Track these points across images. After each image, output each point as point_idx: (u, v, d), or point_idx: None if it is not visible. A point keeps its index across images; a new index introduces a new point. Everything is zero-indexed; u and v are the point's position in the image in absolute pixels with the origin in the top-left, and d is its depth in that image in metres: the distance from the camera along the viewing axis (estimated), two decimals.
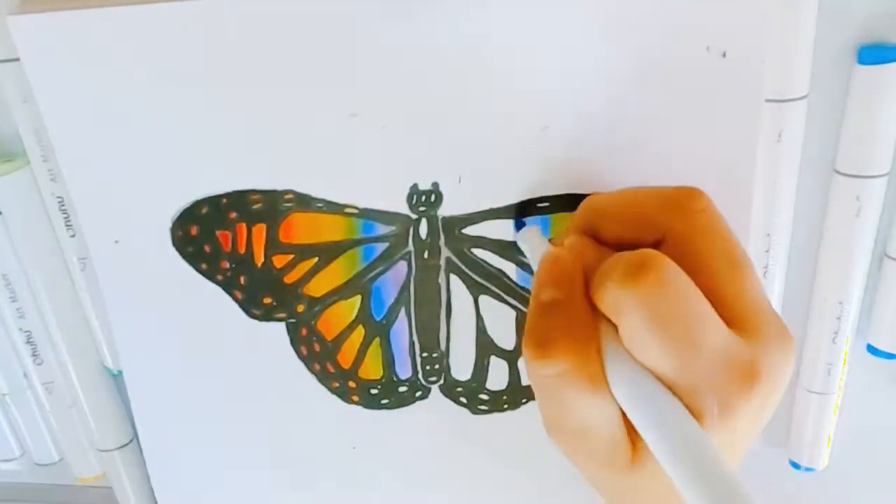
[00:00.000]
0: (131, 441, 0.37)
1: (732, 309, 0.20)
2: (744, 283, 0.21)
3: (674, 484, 0.17)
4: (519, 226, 0.29)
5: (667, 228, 0.21)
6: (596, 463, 0.22)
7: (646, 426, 0.19)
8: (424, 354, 0.32)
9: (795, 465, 0.33)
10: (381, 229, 0.30)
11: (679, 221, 0.21)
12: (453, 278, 0.30)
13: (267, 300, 0.31)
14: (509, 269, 0.30)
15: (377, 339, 0.32)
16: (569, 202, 0.28)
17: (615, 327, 0.20)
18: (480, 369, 0.32)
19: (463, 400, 0.33)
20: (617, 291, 0.20)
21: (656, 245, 0.21)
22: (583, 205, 0.25)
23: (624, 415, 0.20)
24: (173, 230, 0.30)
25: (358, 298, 0.31)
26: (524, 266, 0.30)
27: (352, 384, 0.33)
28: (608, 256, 0.21)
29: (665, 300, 0.19)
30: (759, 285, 0.21)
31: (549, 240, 0.26)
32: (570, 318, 0.21)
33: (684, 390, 0.19)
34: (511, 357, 0.32)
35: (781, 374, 0.20)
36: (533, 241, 0.27)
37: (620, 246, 0.22)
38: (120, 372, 0.34)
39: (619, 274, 0.20)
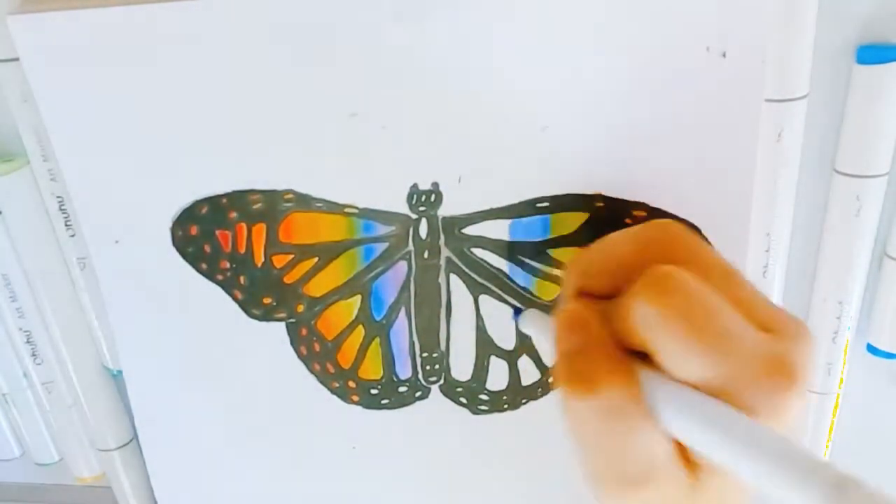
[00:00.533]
0: (131, 441, 0.37)
1: (747, 315, 0.20)
2: (747, 289, 0.21)
3: (748, 487, 0.17)
4: (517, 314, 0.29)
5: (651, 265, 0.21)
6: (660, 500, 0.21)
7: (709, 439, 0.18)
8: (424, 354, 0.32)
9: None
10: (381, 229, 0.30)
11: (660, 255, 0.21)
12: (453, 278, 0.30)
13: (267, 300, 0.31)
14: (509, 268, 0.30)
15: (377, 339, 0.32)
16: (568, 202, 0.28)
17: (646, 362, 0.20)
18: (480, 369, 0.32)
19: (463, 400, 0.33)
20: (646, 310, 0.19)
21: None
22: (567, 270, 0.24)
23: (674, 442, 0.20)
24: (173, 230, 0.30)
25: (358, 298, 0.31)
26: (524, 266, 0.30)
27: (352, 384, 0.33)
28: (610, 305, 0.21)
29: (691, 303, 0.19)
30: (758, 288, 0.21)
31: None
32: (599, 353, 0.21)
33: (732, 396, 0.19)
34: (511, 357, 0.32)
35: (809, 364, 0.20)
36: (536, 321, 0.27)
37: (613, 295, 0.22)
38: (119, 372, 0.34)
39: (644, 293, 0.20)
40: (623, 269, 0.22)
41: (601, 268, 0.23)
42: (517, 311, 0.30)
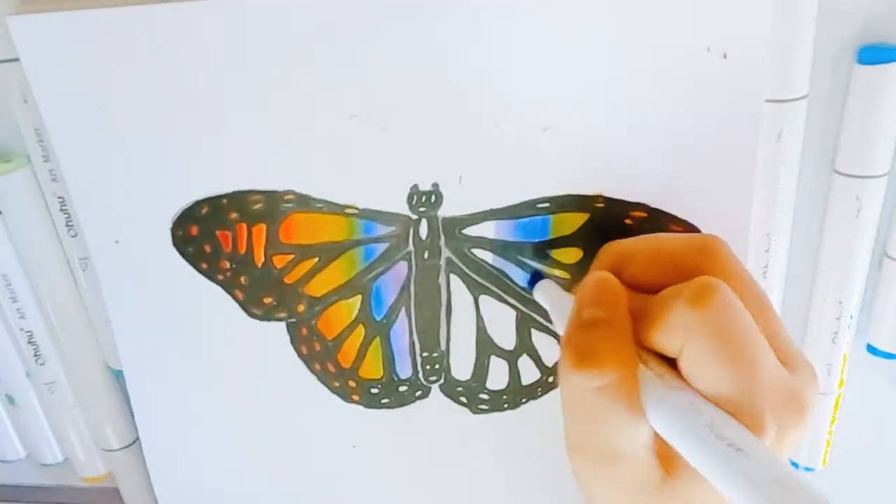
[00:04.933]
0: (136, 441, 0.37)
1: (772, 344, 0.21)
2: (775, 323, 0.22)
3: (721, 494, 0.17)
4: (533, 280, 0.29)
5: (696, 272, 0.22)
6: (623, 487, 0.21)
7: (691, 445, 0.19)
8: (425, 354, 0.32)
9: (795, 465, 0.34)
10: (382, 230, 0.30)
11: (709, 265, 0.22)
12: (453, 278, 0.30)
13: (267, 300, 0.31)
14: (509, 269, 0.30)
15: (377, 339, 0.32)
16: (569, 202, 0.28)
17: (656, 358, 0.21)
18: (480, 369, 0.32)
19: (463, 399, 0.33)
20: (686, 312, 0.20)
21: None
22: (606, 249, 0.25)
23: (657, 437, 0.20)
24: (174, 230, 0.30)
25: (358, 298, 0.31)
26: (524, 266, 0.30)
27: (352, 383, 0.33)
28: (640, 297, 0.22)
29: (730, 320, 0.20)
30: (782, 322, 0.22)
31: (570, 291, 0.27)
32: (614, 335, 0.21)
33: (746, 412, 0.19)
34: (511, 357, 0.32)
35: (814, 408, 0.21)
36: (551, 293, 0.27)
37: (644, 290, 0.22)
38: (122, 371, 0.34)
39: (688, 296, 0.20)
40: (665, 265, 0.23)
41: (647, 256, 0.24)
42: (533, 279, 0.29)
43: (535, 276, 0.29)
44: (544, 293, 0.28)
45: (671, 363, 0.21)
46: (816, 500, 0.16)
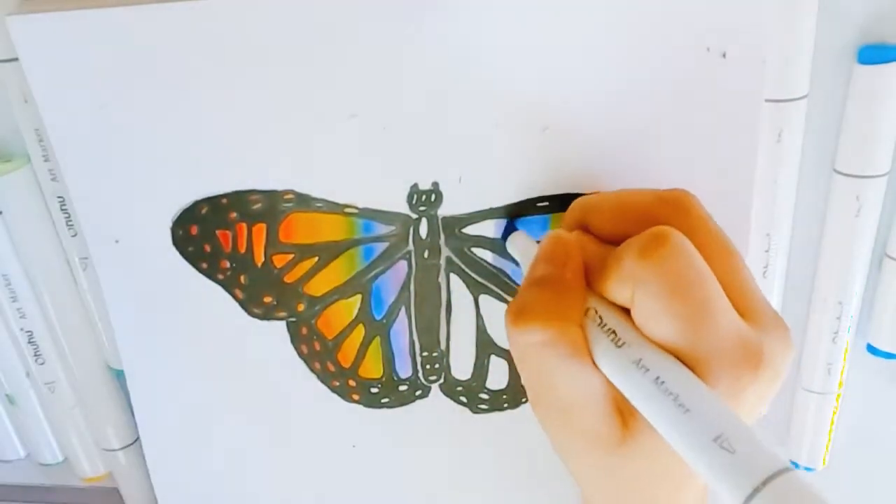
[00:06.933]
0: (136, 440, 0.37)
1: (735, 298, 0.20)
2: (742, 274, 0.21)
3: (680, 456, 0.17)
4: (507, 232, 0.29)
5: (661, 223, 0.21)
6: (582, 441, 0.21)
7: (640, 394, 0.19)
8: (424, 354, 0.32)
9: (795, 465, 0.34)
10: (382, 229, 0.30)
11: (674, 217, 0.22)
12: (453, 278, 0.30)
13: (267, 299, 0.31)
14: (509, 268, 0.30)
15: (377, 339, 0.32)
16: (569, 202, 0.28)
17: (617, 310, 0.21)
18: (480, 368, 0.32)
19: (463, 399, 0.33)
20: (635, 263, 0.20)
21: None
22: (574, 204, 0.25)
23: (614, 390, 0.20)
24: (174, 230, 0.30)
25: (358, 298, 0.31)
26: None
27: (352, 383, 0.33)
28: (603, 249, 0.22)
29: (683, 268, 0.19)
30: (753, 277, 0.22)
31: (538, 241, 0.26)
32: (556, 292, 0.21)
33: (697, 363, 0.19)
34: (511, 356, 0.32)
35: (783, 365, 0.20)
36: (522, 245, 0.27)
37: (612, 242, 0.22)
38: (123, 371, 0.34)
39: (638, 246, 0.20)
40: (632, 217, 0.22)
41: (613, 207, 0.24)
42: (506, 232, 0.29)
43: (508, 228, 0.29)
44: (515, 246, 0.28)
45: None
46: (755, 461, 0.15)
